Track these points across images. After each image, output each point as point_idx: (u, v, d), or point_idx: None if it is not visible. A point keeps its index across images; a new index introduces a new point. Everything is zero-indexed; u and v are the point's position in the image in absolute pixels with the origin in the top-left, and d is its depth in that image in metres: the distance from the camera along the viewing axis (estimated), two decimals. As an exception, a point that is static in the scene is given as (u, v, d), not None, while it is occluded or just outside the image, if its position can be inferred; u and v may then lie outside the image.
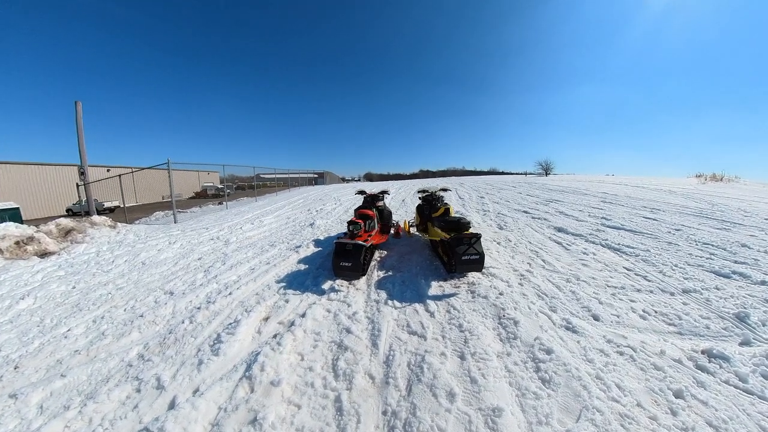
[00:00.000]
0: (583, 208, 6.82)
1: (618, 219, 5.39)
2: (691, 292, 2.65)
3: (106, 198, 17.99)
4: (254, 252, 4.56)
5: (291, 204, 10.95)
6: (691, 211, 5.77)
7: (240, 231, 6.21)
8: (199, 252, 4.71)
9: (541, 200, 8.44)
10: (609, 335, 2.07)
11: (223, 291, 3.13)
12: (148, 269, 3.99)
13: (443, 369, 1.80)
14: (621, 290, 2.74)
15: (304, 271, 3.60)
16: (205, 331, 2.41)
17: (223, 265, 3.97)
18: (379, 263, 3.74)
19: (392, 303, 2.65)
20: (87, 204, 9.20)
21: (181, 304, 2.90)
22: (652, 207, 6.32)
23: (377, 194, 4.80)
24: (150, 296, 3.14)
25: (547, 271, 3.26)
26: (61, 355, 2.26)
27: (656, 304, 2.49)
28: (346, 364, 1.91)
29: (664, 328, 2.16)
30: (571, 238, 4.49)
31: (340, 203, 10.03)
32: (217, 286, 3.29)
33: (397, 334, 2.21)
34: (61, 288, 3.63)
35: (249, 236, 5.73)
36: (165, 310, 2.81)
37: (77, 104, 8.41)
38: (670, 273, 3.04)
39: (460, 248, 2.97)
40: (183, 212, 10.25)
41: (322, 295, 2.89)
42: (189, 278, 3.58)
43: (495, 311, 2.43)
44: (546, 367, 1.77)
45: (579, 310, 2.43)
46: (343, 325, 2.34)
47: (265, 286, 3.20)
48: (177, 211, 9.02)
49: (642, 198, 7.59)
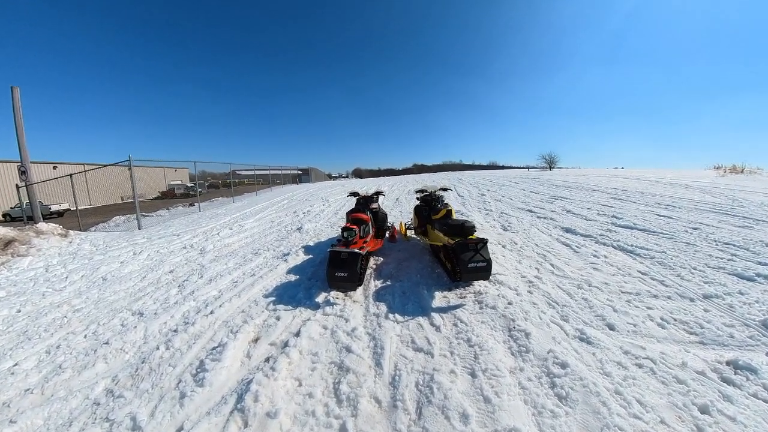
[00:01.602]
0: (591, 205, 6.98)
1: (630, 217, 5.53)
2: (712, 297, 2.71)
3: (53, 200, 17.34)
4: (236, 262, 4.50)
5: (274, 205, 10.88)
6: (709, 207, 5.93)
7: (217, 237, 6.12)
8: (170, 263, 4.62)
9: (546, 197, 8.61)
10: (626, 346, 2.13)
11: (202, 309, 3.07)
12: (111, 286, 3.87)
13: (454, 388, 1.82)
14: (636, 296, 2.81)
15: (294, 282, 3.57)
16: (186, 357, 2.36)
17: (200, 279, 3.90)
18: (376, 271, 3.75)
19: (393, 317, 2.66)
20: (30, 208, 8.85)
21: (154, 326, 2.83)
22: (666, 203, 6.49)
23: (371, 196, 4.83)
24: (115, 318, 3.04)
25: (556, 277, 3.32)
26: (8, 396, 2.11)
27: (675, 311, 2.56)
28: (349, 388, 1.92)
29: (685, 338, 2.22)
30: (580, 239, 4.58)
31: (329, 204, 10.01)
32: (195, 303, 3.23)
33: (402, 351, 2.22)
34: (2, 312, 3.44)
35: (228, 243, 5.65)
36: (135, 334, 2.73)
37: (14, 90, 8.12)
38: (689, 276, 3.12)
39: (465, 255, 3.00)
40: (148, 216, 10.02)
41: (316, 309, 2.87)
42: (161, 295, 3.49)
43: (504, 323, 2.46)
44: (562, 382, 1.82)
45: (593, 319, 2.49)
46: (342, 344, 2.34)
47: (252, 301, 3.16)
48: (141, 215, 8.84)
49: (655, 193, 7.81)
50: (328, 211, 8.64)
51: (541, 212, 6.67)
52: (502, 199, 9.03)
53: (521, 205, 7.69)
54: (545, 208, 7.16)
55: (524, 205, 7.64)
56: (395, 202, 9.95)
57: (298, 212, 8.69)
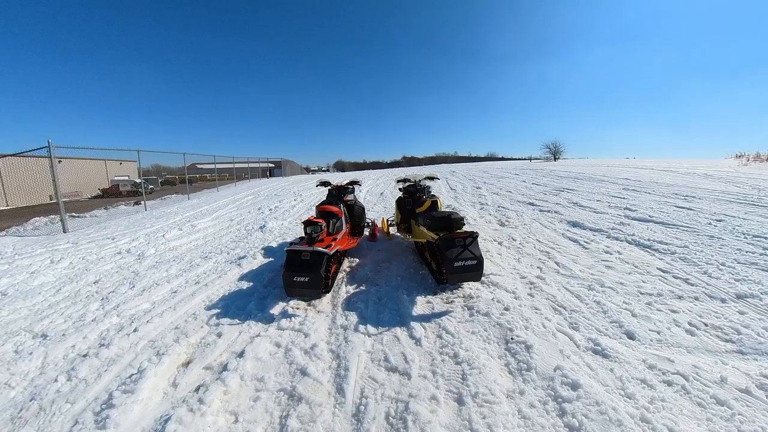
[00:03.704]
0: (601, 197, 7.01)
1: (645, 209, 5.54)
2: (746, 297, 2.65)
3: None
4: (180, 268, 4.24)
5: (237, 202, 10.68)
6: (733, 197, 6.03)
7: (162, 240, 5.79)
8: (97, 272, 4.28)
9: (550, 189, 8.64)
10: (650, 359, 2.01)
11: (126, 327, 2.81)
12: (12, 302, 3.49)
13: (435, 420, 1.68)
14: (658, 298, 2.74)
15: (247, 290, 3.41)
16: (91, 391, 2.07)
17: (131, 290, 3.62)
18: (349, 275, 3.65)
19: (365, 329, 2.56)
20: None
21: (58, 351, 2.53)
22: (685, 194, 6.57)
23: (345, 186, 4.66)
24: (7, 343, 2.70)
25: (562, 277, 3.26)
26: None
27: (705, 314, 2.47)
28: (299, 423, 1.72)
29: (721, 347, 2.12)
30: (590, 234, 4.56)
31: (302, 199, 9.84)
32: (119, 320, 2.96)
33: (372, 372, 2.08)
34: None
35: (174, 246, 5.35)
36: (30, 363, 2.41)
37: None
38: (717, 274, 3.07)
39: (451, 251, 2.90)
40: (80, 216, 9.45)
41: (269, 323, 2.73)
42: (76, 311, 3.18)
43: (500, 333, 2.38)
44: (573, 408, 1.67)
45: (608, 327, 2.40)
46: (296, 365, 2.18)
47: (190, 315, 2.95)
48: (69, 216, 8.30)
49: (672, 184, 7.90)
50: (300, 207, 8.47)
51: (544, 205, 6.65)
52: (499, 191, 9.00)
53: (522, 198, 7.67)
54: (549, 200, 7.15)
55: (525, 198, 7.64)
56: (379, 197, 9.82)
57: (264, 209, 8.49)
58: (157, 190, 23.59)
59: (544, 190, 8.56)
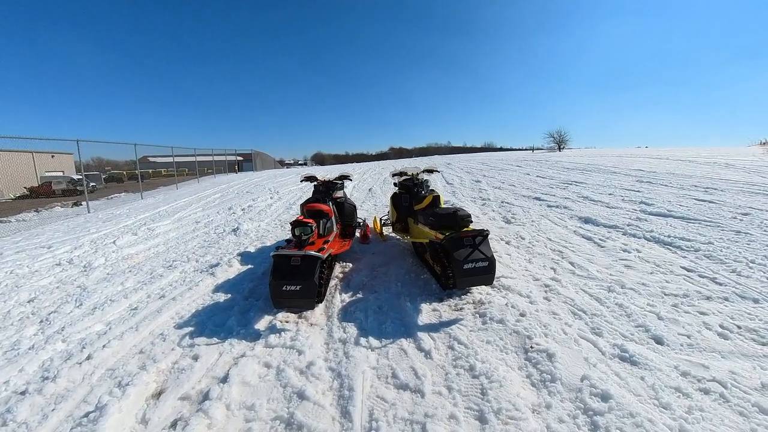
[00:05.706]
0: (613, 190, 7.24)
1: (663, 203, 5.75)
2: None
3: None
4: (138, 280, 4.15)
5: (202, 200, 10.55)
6: (759, 188, 6.31)
7: (113, 247, 5.64)
8: (31, 289, 4.11)
9: (557, 182, 8.86)
10: (683, 365, 2.08)
11: (75, 354, 2.68)
12: None
13: None
14: (684, 299, 2.83)
15: (225, 304, 3.37)
16: None
17: (78, 308, 3.49)
18: (343, 282, 3.67)
19: (367, 342, 2.58)
20: None
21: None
22: (705, 186, 6.84)
23: (334, 181, 4.66)
24: None
25: (579, 278, 3.35)
26: None
27: (737, 315, 2.57)
28: None
29: (757, 350, 2.20)
30: (604, 231, 4.71)
31: (279, 197, 9.78)
32: (65, 346, 2.83)
33: (380, 391, 2.10)
34: None
35: (129, 255, 5.23)
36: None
37: None
38: (747, 272, 3.19)
39: (459, 253, 2.94)
40: (2, 221, 9.12)
41: (255, 340, 2.70)
42: (6, 339, 3.02)
43: (518, 341, 2.42)
44: (606, 421, 1.72)
45: (633, 331, 2.47)
46: (292, 388, 2.17)
47: (157, 335, 2.87)
48: None
49: (690, 175, 8.21)
50: (278, 206, 8.41)
51: (551, 200, 6.83)
52: (501, 185, 9.16)
53: (527, 192, 7.84)
54: (556, 194, 7.34)
55: (530, 192, 7.81)
56: (368, 193, 9.85)
57: (235, 209, 8.40)
58: (100, 188, 22.89)
59: (551, 183, 8.77)
